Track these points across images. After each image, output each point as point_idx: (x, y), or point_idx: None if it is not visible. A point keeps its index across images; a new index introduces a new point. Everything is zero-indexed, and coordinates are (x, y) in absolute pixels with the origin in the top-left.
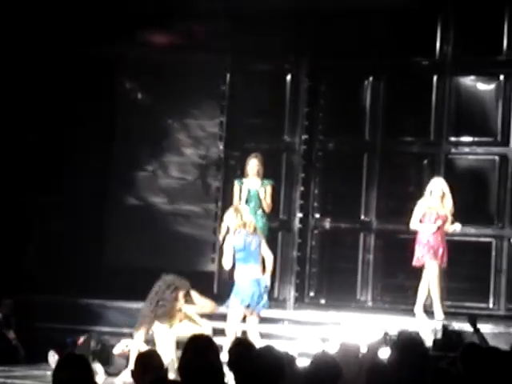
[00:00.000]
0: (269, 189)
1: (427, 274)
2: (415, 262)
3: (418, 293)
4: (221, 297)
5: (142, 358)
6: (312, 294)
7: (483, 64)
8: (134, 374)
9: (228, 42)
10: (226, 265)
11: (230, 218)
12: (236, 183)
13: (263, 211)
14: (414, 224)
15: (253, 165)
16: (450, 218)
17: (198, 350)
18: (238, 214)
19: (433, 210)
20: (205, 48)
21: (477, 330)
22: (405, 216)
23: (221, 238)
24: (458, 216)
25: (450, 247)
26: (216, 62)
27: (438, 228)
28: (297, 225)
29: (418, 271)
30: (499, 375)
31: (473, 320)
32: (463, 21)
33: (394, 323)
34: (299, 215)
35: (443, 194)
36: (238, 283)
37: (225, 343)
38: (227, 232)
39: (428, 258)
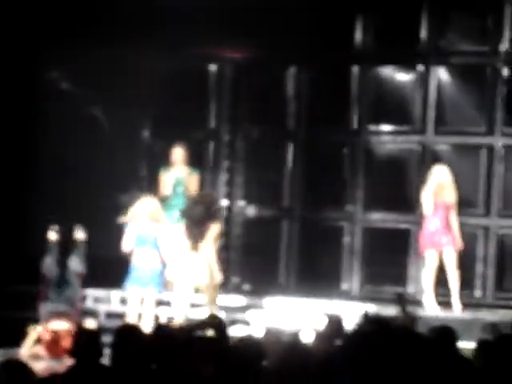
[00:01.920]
0: (195, 177)
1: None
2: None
3: (425, 282)
4: None
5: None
6: (236, 280)
7: (402, 55)
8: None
9: (151, 32)
10: (125, 247)
11: (137, 206)
12: (162, 172)
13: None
14: (426, 210)
15: (178, 153)
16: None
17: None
18: (145, 204)
19: (436, 198)
20: (128, 37)
21: (404, 309)
22: (328, 203)
23: (124, 221)
24: (377, 203)
25: (370, 234)
26: (140, 50)
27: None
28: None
29: (338, 258)
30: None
31: (400, 299)
32: (382, 12)
33: (316, 307)
34: (224, 203)
35: (445, 181)
36: (135, 267)
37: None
38: (132, 218)
39: (430, 246)
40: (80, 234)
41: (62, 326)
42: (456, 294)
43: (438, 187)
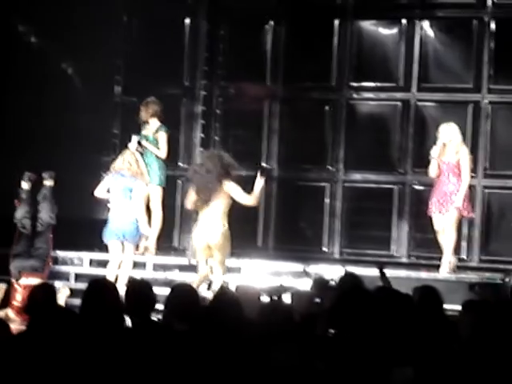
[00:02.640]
0: (163, 135)
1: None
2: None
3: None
4: None
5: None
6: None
7: (385, 8)
8: None
9: None
10: (96, 193)
11: (118, 158)
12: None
13: (157, 158)
14: (430, 172)
15: (143, 111)
16: (464, 167)
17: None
18: (121, 156)
19: (437, 157)
20: None
21: (383, 275)
22: (306, 163)
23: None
24: (359, 163)
25: (352, 195)
26: (112, 4)
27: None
28: None
29: (318, 219)
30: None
31: (380, 267)
32: None
33: (296, 269)
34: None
35: (450, 140)
36: (110, 219)
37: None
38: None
39: (439, 208)
40: (49, 181)
41: (34, 282)
42: (447, 257)
43: (443, 147)
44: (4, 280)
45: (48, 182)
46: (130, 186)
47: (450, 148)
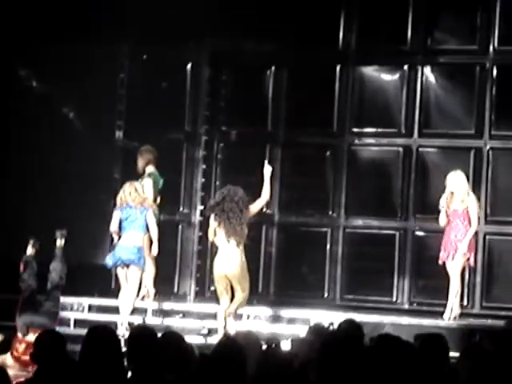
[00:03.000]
0: (147, 181)
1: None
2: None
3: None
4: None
5: None
6: (213, 287)
7: (387, 54)
8: None
9: (126, 29)
10: (111, 227)
11: (120, 192)
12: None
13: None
14: (440, 221)
15: (138, 160)
16: (472, 215)
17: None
18: (123, 190)
19: (446, 205)
20: (102, 35)
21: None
22: (308, 208)
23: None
24: (360, 208)
25: (353, 240)
26: (114, 49)
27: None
28: (197, 217)
29: (320, 264)
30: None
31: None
32: (367, 9)
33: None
34: (200, 208)
35: (457, 189)
36: (118, 245)
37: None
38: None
39: (445, 256)
40: (60, 240)
41: None
42: (452, 304)
43: (450, 196)
44: (5, 327)
45: (60, 241)
46: (137, 215)
47: (457, 196)
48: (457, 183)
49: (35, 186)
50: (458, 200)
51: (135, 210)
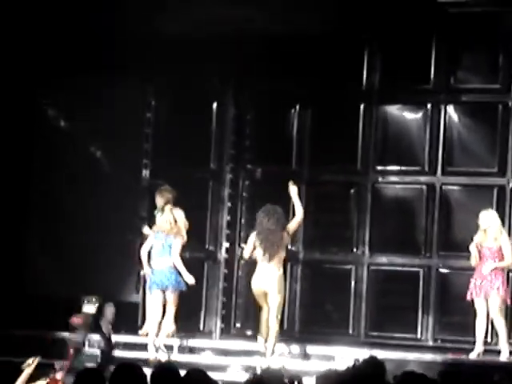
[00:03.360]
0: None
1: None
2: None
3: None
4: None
5: None
6: (238, 324)
7: (410, 93)
8: None
9: (152, 68)
10: (142, 252)
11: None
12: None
13: None
14: (471, 261)
15: (157, 198)
16: (506, 251)
17: None
18: (160, 214)
19: (479, 244)
20: (129, 74)
21: None
22: (332, 245)
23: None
24: (384, 245)
25: (378, 277)
26: (141, 88)
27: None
28: (223, 255)
29: (344, 301)
30: None
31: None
32: (390, 49)
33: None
34: (225, 245)
35: (490, 227)
36: (153, 271)
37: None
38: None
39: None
40: (109, 312)
41: None
42: (502, 342)
43: (484, 234)
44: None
45: (108, 313)
46: (169, 242)
47: (490, 234)
48: (490, 221)
49: (57, 223)
50: (491, 238)
51: (169, 237)
